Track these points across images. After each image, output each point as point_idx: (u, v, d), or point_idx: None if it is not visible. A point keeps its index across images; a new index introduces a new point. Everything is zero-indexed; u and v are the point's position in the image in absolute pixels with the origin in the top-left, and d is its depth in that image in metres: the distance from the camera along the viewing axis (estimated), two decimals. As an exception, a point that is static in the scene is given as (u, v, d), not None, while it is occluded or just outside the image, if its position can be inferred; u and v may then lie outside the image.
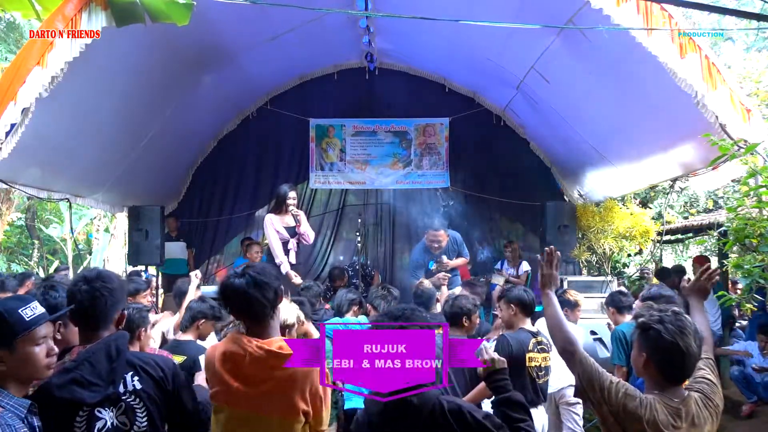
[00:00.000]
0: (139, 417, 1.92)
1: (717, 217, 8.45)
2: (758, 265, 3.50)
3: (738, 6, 11.61)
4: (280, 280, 2.15)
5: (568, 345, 2.08)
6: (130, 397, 1.92)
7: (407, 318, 1.98)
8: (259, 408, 1.98)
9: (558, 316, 2.20)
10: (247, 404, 1.98)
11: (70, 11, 3.78)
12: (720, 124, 3.95)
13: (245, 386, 1.97)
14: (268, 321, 2.06)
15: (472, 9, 5.36)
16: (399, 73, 8.45)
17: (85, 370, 1.88)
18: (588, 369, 1.98)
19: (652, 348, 1.89)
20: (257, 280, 2.04)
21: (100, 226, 14.41)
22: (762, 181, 3.64)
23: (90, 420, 1.88)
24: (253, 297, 2.02)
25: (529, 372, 3.41)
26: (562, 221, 6.78)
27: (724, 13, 5.45)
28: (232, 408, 2.01)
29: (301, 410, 1.97)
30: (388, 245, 8.65)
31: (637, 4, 3.87)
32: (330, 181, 8.66)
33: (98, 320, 2.00)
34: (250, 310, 2.05)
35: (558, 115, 6.77)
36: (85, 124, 5.36)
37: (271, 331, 2.07)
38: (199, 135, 8.17)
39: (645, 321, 1.93)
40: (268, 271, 2.10)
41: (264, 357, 1.97)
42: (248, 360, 1.97)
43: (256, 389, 1.96)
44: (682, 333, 1.85)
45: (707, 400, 1.92)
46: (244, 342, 2.01)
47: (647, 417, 1.83)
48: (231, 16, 5.61)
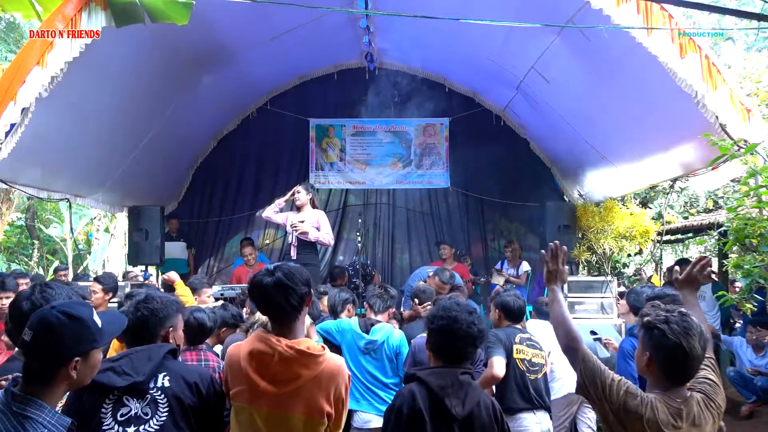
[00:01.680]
0: (160, 409, 2.03)
1: (717, 217, 8.46)
2: (758, 265, 3.50)
3: (738, 6, 11.61)
4: (310, 284, 2.11)
5: (571, 342, 2.07)
6: (157, 392, 2.05)
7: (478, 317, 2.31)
8: (285, 407, 1.97)
9: (563, 312, 2.17)
10: (272, 403, 1.98)
11: (70, 11, 3.78)
12: (720, 124, 3.95)
13: (272, 385, 1.97)
14: (293, 321, 2.06)
15: (472, 9, 5.36)
16: (399, 73, 8.45)
17: (123, 363, 2.06)
18: (590, 366, 1.97)
19: (656, 347, 1.88)
20: (283, 281, 2.03)
21: (100, 226, 14.43)
22: (762, 181, 3.64)
23: (117, 405, 2.00)
24: (278, 297, 2.02)
25: (517, 364, 3.45)
26: (562, 221, 6.78)
27: (724, 13, 5.45)
28: (256, 407, 2.00)
29: (326, 412, 1.97)
30: (388, 245, 8.65)
31: (637, 4, 3.87)
32: (330, 181, 8.66)
33: (144, 339, 2.18)
34: (275, 310, 2.06)
35: (558, 115, 6.77)
36: (85, 124, 5.36)
37: (297, 332, 2.06)
38: (199, 135, 8.17)
39: (650, 320, 1.92)
40: (297, 272, 2.07)
41: (294, 357, 1.97)
42: (277, 359, 1.97)
43: (283, 389, 1.96)
44: (687, 334, 1.84)
45: (709, 401, 1.91)
46: (273, 341, 2.00)
47: (648, 416, 1.83)
48: (231, 16, 5.61)
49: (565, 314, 2.17)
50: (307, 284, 2.09)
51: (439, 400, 2.12)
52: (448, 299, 2.52)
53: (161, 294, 2.34)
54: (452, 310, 2.30)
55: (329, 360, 2.01)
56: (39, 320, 1.67)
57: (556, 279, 2.26)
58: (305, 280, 2.09)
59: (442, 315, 2.30)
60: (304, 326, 2.13)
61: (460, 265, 7.27)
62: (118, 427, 1.98)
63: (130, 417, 1.99)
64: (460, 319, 2.26)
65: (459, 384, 2.18)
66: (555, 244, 2.29)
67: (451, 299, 2.51)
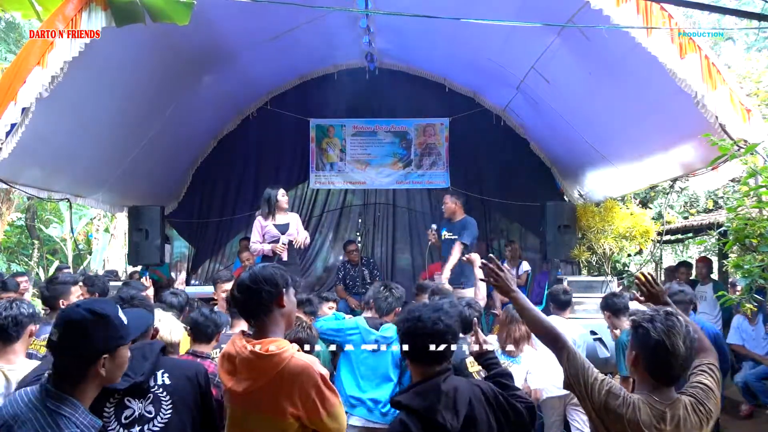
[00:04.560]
0: (164, 407, 2.06)
1: (717, 217, 8.46)
2: (758, 265, 3.50)
3: (738, 6, 11.61)
4: (279, 284, 2.06)
5: (554, 340, 2.08)
6: (159, 390, 2.08)
7: (446, 312, 2.16)
8: (251, 407, 1.98)
9: (536, 314, 2.18)
10: (241, 403, 2.00)
11: (70, 11, 3.78)
12: (720, 124, 3.95)
13: (238, 386, 1.99)
14: (263, 321, 2.05)
15: (472, 8, 5.36)
16: (399, 73, 8.45)
17: None
18: (575, 364, 1.99)
19: (641, 346, 1.91)
20: (245, 283, 2.03)
21: (100, 226, 14.42)
22: (762, 181, 3.64)
23: (119, 408, 2.01)
24: (243, 298, 2.04)
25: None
26: (562, 221, 6.78)
27: (724, 13, 5.46)
28: (232, 406, 2.04)
29: (289, 413, 1.94)
30: (388, 245, 8.65)
31: (636, 4, 3.87)
32: (330, 181, 8.66)
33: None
34: (242, 311, 2.09)
35: (558, 115, 6.77)
36: (85, 124, 5.36)
37: (268, 332, 2.04)
38: (199, 135, 8.17)
39: (636, 319, 1.95)
40: (263, 274, 2.05)
41: (250, 357, 1.97)
42: (238, 360, 1.99)
43: (246, 388, 1.97)
44: (670, 332, 1.85)
45: (698, 405, 1.90)
46: (237, 343, 2.03)
47: (628, 416, 1.83)
48: (231, 16, 5.62)
49: (539, 316, 2.18)
50: (274, 284, 2.04)
51: (432, 421, 2.02)
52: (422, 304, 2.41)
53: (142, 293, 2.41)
54: (416, 311, 2.19)
55: (290, 360, 1.95)
56: (65, 318, 1.69)
57: (508, 286, 2.26)
58: (271, 280, 2.04)
59: (406, 317, 2.21)
60: (279, 327, 2.08)
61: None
62: (123, 429, 2.00)
63: (134, 418, 2.01)
64: (424, 318, 2.14)
65: (445, 394, 2.05)
66: (483, 262, 2.35)
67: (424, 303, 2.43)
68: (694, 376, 2.00)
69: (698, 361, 2.05)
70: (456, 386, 2.09)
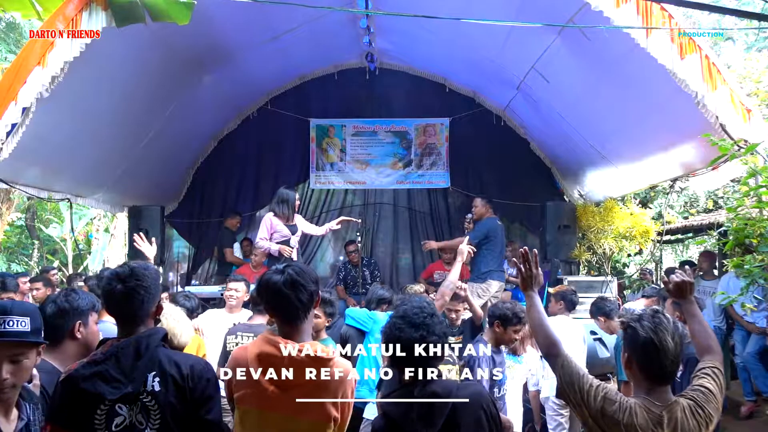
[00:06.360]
0: (153, 417, 1.95)
1: (717, 217, 8.45)
2: (758, 265, 3.50)
3: (738, 6, 11.61)
4: (319, 283, 2.10)
5: (551, 347, 2.08)
6: (147, 398, 1.95)
7: (428, 327, 2.03)
8: (293, 411, 1.95)
9: (541, 318, 2.17)
10: (280, 407, 1.96)
11: (70, 11, 3.79)
12: (720, 124, 3.95)
13: (281, 389, 1.95)
14: (300, 323, 2.03)
15: (472, 8, 5.36)
16: (399, 73, 8.45)
17: (110, 365, 1.94)
18: (569, 371, 1.99)
19: (631, 346, 1.92)
20: (294, 279, 2.00)
21: (100, 226, 14.41)
22: (762, 181, 3.64)
23: (110, 415, 1.92)
24: (286, 296, 1.99)
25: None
26: (562, 221, 6.78)
27: (724, 13, 5.46)
28: (263, 410, 1.98)
29: (332, 416, 1.96)
30: (389, 245, 8.65)
31: (636, 5, 3.87)
32: (330, 181, 8.66)
33: (134, 317, 2.03)
34: (283, 310, 2.03)
35: (558, 115, 6.77)
36: (85, 124, 5.36)
37: (303, 334, 2.04)
38: (199, 135, 8.17)
39: (624, 320, 1.97)
40: (307, 272, 2.06)
41: (304, 361, 1.94)
42: (287, 363, 1.95)
43: (292, 393, 1.94)
44: (657, 329, 1.87)
45: (697, 409, 1.89)
46: (282, 344, 1.97)
47: (626, 421, 1.83)
48: (231, 15, 5.62)
49: (543, 320, 2.18)
50: (316, 282, 2.08)
51: (406, 429, 1.98)
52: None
53: (149, 267, 2.13)
54: (398, 324, 2.10)
55: (338, 364, 1.98)
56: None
57: (532, 284, 2.25)
58: (314, 279, 2.08)
59: (389, 330, 2.11)
60: (310, 328, 2.10)
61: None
62: None
63: (125, 426, 1.93)
64: (404, 338, 2.04)
65: (419, 404, 1.97)
66: (525, 250, 2.29)
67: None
68: (696, 378, 1.99)
69: (702, 363, 2.04)
70: (433, 390, 2.00)
